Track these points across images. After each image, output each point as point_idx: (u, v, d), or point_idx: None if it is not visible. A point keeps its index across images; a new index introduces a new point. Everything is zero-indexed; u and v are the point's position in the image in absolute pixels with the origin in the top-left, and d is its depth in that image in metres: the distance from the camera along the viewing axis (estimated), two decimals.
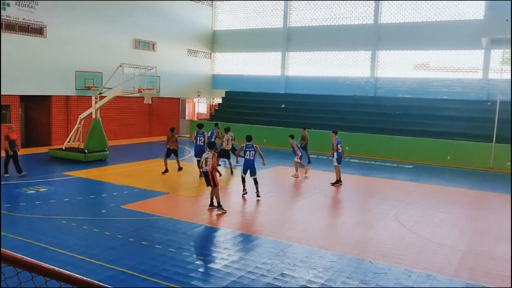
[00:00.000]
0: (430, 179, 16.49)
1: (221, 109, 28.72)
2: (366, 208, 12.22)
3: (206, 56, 30.99)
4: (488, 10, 21.75)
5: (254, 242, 8.81)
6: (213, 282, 6.89)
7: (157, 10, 26.27)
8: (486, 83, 22.90)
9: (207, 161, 11.00)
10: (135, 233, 9.14)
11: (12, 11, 19.00)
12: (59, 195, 11.98)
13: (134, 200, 11.90)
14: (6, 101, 19.23)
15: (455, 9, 23.58)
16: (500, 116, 19.35)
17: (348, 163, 19.62)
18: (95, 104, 17.99)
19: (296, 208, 11.71)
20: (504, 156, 19.03)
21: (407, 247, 8.88)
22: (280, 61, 28.77)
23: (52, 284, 1.74)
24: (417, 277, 7.33)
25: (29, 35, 19.79)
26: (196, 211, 11.13)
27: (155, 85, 20.81)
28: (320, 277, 7.20)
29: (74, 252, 7.85)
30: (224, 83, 30.71)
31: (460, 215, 11.96)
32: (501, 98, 20.10)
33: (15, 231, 8.80)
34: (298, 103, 26.68)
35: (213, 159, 10.98)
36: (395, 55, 25.49)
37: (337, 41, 26.51)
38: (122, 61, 18.50)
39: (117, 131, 24.48)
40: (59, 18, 20.88)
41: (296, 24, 28.28)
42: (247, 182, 12.61)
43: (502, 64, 21.89)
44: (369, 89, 25.81)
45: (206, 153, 11.25)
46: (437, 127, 21.55)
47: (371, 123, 23.15)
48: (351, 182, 15.78)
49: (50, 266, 1.64)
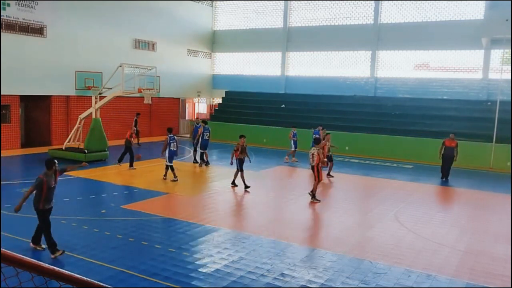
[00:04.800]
0: (430, 179, 16.49)
1: (221, 109, 28.72)
2: (366, 208, 12.22)
3: (206, 56, 30.99)
4: (488, 10, 21.77)
5: (254, 242, 8.81)
6: (213, 282, 6.89)
7: (157, 10, 26.27)
8: (486, 83, 22.90)
9: (313, 157, 12.13)
10: (135, 233, 9.14)
11: (12, 11, 19.00)
12: (59, 195, 11.94)
13: (134, 200, 11.90)
14: (6, 101, 19.23)
15: (455, 9, 23.58)
16: (500, 116, 19.35)
17: (348, 163, 19.65)
18: (95, 104, 17.99)
19: (296, 208, 11.70)
20: (504, 156, 19.03)
21: (407, 247, 8.88)
22: (280, 61, 28.77)
23: (52, 284, 1.74)
24: (417, 277, 7.33)
25: (29, 35, 19.79)
26: (196, 211, 11.13)
27: (155, 85, 20.80)
28: (320, 277, 7.20)
29: (74, 252, 7.86)
30: (224, 83, 30.71)
31: (460, 215, 11.96)
32: (501, 98, 20.11)
33: (15, 231, 8.80)
34: (298, 103, 26.68)
35: (319, 155, 12.09)
36: (395, 55, 25.49)
37: (337, 41, 26.51)
38: (122, 61, 18.50)
39: (117, 131, 24.48)
40: (59, 18, 20.88)
41: (296, 24, 28.28)
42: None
43: (502, 64, 21.88)
44: (369, 89, 25.81)
45: (312, 149, 12.38)
46: (437, 127, 21.54)
47: (371, 123, 23.14)
48: (351, 182, 15.78)
49: (50, 266, 1.64)
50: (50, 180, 7.67)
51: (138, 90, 18.01)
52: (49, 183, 7.64)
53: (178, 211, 11.04)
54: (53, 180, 7.78)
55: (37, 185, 7.56)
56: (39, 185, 7.54)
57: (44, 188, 7.56)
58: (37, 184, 7.56)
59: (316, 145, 12.49)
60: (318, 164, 12.17)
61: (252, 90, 28.94)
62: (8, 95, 19.13)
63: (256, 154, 21.05)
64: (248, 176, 14.63)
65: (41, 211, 7.64)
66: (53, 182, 7.75)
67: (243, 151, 13.64)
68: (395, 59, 25.48)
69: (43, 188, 7.55)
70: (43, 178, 7.58)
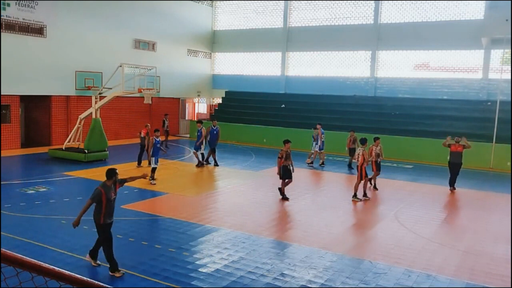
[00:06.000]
0: (430, 179, 16.49)
1: (221, 109, 28.71)
2: (366, 208, 12.22)
3: (206, 56, 30.98)
4: (488, 10, 21.76)
5: (254, 242, 8.81)
6: (213, 282, 6.89)
7: (157, 10, 26.27)
8: (486, 83, 22.90)
9: (358, 156, 12.52)
10: (135, 233, 9.14)
11: (12, 11, 19.00)
12: (59, 195, 11.98)
13: (134, 200, 11.90)
14: (6, 101, 19.24)
15: (455, 9, 23.58)
16: (500, 116, 19.35)
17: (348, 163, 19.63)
18: (95, 104, 17.99)
19: (296, 208, 11.70)
20: (504, 156, 19.03)
21: (407, 247, 8.88)
22: (280, 61, 28.77)
23: (52, 284, 1.74)
24: (417, 277, 7.33)
25: (29, 35, 19.79)
26: (196, 211, 11.13)
27: (155, 85, 20.82)
28: (320, 277, 7.20)
29: (74, 252, 7.86)
30: (224, 83, 30.71)
31: (460, 215, 11.96)
32: (501, 98, 20.10)
33: (15, 231, 8.80)
34: (298, 103, 26.68)
35: (364, 155, 12.45)
36: (395, 55, 25.49)
37: (337, 41, 26.51)
38: (122, 61, 18.50)
39: (117, 131, 24.49)
40: (59, 18, 20.88)
41: (296, 24, 28.27)
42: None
43: (502, 64, 21.87)
44: (369, 89, 25.81)
45: (358, 149, 12.76)
46: (437, 127, 21.54)
47: (371, 123, 23.13)
48: (351, 182, 15.77)
49: (50, 266, 1.64)
50: (109, 191, 7.00)
51: (138, 90, 18.02)
52: (108, 195, 6.96)
53: (178, 211, 11.04)
54: (113, 191, 7.10)
55: (94, 198, 6.92)
56: (97, 197, 6.91)
57: (104, 201, 6.90)
58: (94, 196, 6.92)
59: (362, 145, 12.70)
60: (362, 164, 12.43)
61: (252, 90, 28.94)
62: (8, 95, 19.12)
63: (256, 154, 21.07)
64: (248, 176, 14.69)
65: (101, 226, 7.03)
66: (112, 194, 7.07)
67: (287, 158, 12.38)
68: (395, 59, 25.48)
69: (102, 201, 6.91)
70: (101, 189, 6.94)
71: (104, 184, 7.03)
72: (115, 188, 7.15)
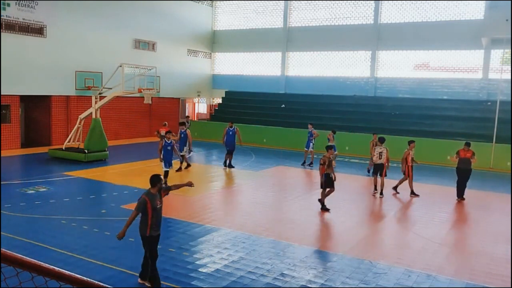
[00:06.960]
0: (430, 179, 16.49)
1: (221, 109, 28.72)
2: (366, 208, 12.22)
3: (206, 56, 30.99)
4: (488, 10, 21.77)
5: (254, 242, 8.81)
6: (213, 282, 6.89)
7: (157, 10, 26.27)
8: (486, 83, 22.90)
9: (381, 155, 12.92)
10: (135, 233, 9.11)
11: (12, 11, 19.00)
12: (59, 195, 11.98)
13: (134, 200, 11.78)
14: (6, 101, 19.24)
15: (455, 9, 23.58)
16: (500, 116, 19.34)
17: (348, 163, 19.66)
18: (95, 104, 17.99)
19: (296, 208, 11.70)
20: (504, 156, 19.03)
21: (407, 247, 8.88)
22: (280, 61, 28.77)
23: (52, 284, 1.74)
24: (417, 277, 7.33)
25: (29, 35, 19.79)
26: (196, 211, 11.13)
27: (155, 85, 20.81)
28: (320, 277, 7.20)
29: (74, 252, 7.86)
30: (224, 83, 30.71)
31: (460, 215, 11.96)
32: (501, 98, 20.10)
33: (15, 231, 8.80)
34: (298, 103, 26.68)
35: (387, 153, 12.94)
36: (395, 55, 25.49)
37: (337, 41, 26.51)
38: (122, 61, 18.50)
39: (117, 131, 24.49)
40: (59, 18, 20.88)
41: (296, 24, 28.28)
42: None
43: (502, 64, 21.88)
44: (369, 89, 25.81)
45: (380, 147, 13.11)
46: (437, 127, 21.54)
47: (371, 123, 23.13)
48: (351, 182, 15.78)
49: (50, 266, 1.64)
50: (154, 200, 6.48)
51: (138, 90, 18.02)
52: (154, 203, 6.44)
53: (178, 211, 11.04)
54: (158, 200, 6.56)
55: (139, 207, 6.42)
56: (142, 206, 6.41)
57: (149, 210, 6.38)
58: (139, 205, 6.42)
59: (381, 144, 13.24)
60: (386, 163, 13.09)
61: (252, 90, 28.94)
62: (8, 95, 19.12)
63: (256, 154, 21.07)
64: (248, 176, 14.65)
65: (147, 238, 6.51)
66: (158, 202, 6.54)
67: (330, 165, 11.40)
68: (395, 59, 25.48)
69: (147, 210, 6.38)
70: (145, 198, 6.43)
71: (148, 192, 6.54)
72: (160, 196, 6.65)
